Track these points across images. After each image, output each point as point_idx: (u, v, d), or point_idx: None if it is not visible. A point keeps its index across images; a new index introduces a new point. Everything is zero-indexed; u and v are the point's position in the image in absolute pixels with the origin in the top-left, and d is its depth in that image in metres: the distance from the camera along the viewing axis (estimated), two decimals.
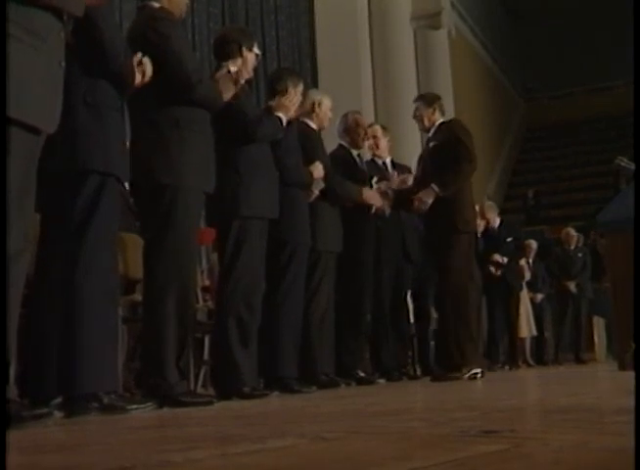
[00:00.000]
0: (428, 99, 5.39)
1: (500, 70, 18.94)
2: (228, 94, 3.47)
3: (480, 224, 7.58)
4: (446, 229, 4.99)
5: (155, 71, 2.97)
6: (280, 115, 4.01)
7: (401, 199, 5.36)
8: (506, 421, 1.86)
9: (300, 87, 4.39)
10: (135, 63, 2.90)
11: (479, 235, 7.52)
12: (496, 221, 8.25)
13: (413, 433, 1.69)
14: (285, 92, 4.25)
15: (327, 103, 4.89)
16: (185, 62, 3.22)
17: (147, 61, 2.95)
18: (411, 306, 6.45)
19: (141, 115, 3.25)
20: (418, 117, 5.31)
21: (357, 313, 5.17)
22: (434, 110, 5.24)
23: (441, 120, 5.27)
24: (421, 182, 5.20)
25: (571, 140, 19.25)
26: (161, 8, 3.32)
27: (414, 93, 9.45)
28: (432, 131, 5.26)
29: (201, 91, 3.26)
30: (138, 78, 2.93)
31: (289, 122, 4.10)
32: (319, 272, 4.64)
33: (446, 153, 5.03)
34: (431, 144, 5.24)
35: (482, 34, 17.16)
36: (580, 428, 1.61)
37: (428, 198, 4.98)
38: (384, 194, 5.28)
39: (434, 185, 4.98)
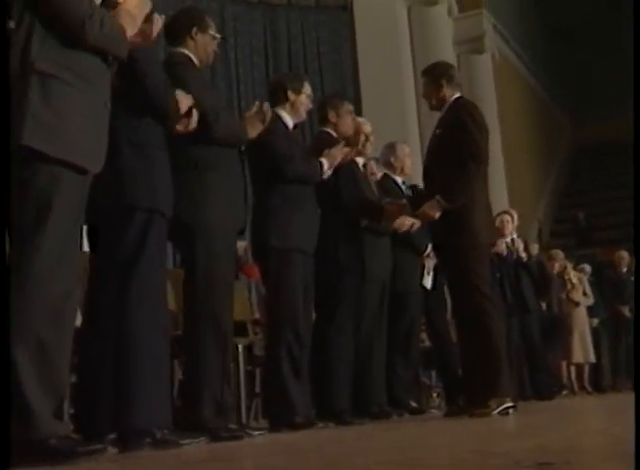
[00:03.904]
0: (433, 74, 4.51)
1: (544, 91, 18.79)
2: (254, 132, 3.45)
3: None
4: (456, 245, 4.21)
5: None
6: (323, 161, 4.03)
7: (418, 202, 4.47)
8: (561, 453, 1.82)
9: (346, 107, 4.53)
10: (183, 111, 2.96)
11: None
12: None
13: (466, 465, 1.66)
14: (326, 120, 4.44)
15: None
16: (199, 102, 3.13)
17: (195, 111, 3.02)
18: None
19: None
20: (426, 95, 4.55)
21: (408, 343, 5.12)
22: (442, 85, 4.41)
23: (457, 95, 4.46)
24: (427, 175, 4.45)
25: (618, 160, 18.91)
26: (182, 54, 3.37)
27: None
28: (444, 109, 4.43)
29: (218, 129, 3.25)
30: (183, 126, 2.99)
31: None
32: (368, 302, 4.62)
33: (451, 148, 4.23)
34: (437, 131, 4.43)
35: (525, 55, 17.06)
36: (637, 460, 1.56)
37: (433, 212, 4.20)
38: (401, 208, 4.63)
39: (439, 197, 4.18)
